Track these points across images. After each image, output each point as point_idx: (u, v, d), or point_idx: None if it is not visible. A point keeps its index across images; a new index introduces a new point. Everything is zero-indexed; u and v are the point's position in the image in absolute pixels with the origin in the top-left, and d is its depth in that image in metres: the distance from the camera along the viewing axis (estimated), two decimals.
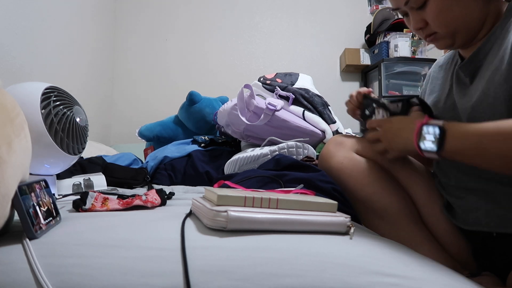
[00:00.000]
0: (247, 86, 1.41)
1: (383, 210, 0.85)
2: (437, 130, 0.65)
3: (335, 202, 0.61)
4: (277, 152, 1.19)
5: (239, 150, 1.54)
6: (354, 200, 0.88)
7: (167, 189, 1.08)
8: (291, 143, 1.23)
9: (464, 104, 0.75)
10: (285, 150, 1.22)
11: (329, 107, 1.51)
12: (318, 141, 1.42)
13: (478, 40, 0.76)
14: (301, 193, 0.71)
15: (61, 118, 0.87)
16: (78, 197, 0.73)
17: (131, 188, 1.23)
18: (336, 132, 1.42)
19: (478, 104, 0.70)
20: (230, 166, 1.23)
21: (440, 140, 0.65)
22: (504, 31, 0.69)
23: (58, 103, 0.88)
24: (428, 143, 0.67)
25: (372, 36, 2.89)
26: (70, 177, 1.09)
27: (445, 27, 0.74)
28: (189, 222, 0.58)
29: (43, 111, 0.84)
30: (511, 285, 0.67)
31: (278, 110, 1.36)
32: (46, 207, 0.56)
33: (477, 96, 0.71)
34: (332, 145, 0.94)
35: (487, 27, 0.74)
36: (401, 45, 2.64)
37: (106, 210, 0.70)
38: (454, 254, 0.83)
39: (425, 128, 0.68)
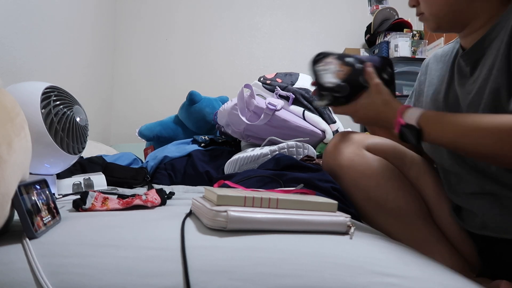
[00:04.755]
0: (247, 86, 1.41)
1: (398, 210, 0.83)
2: (414, 132, 0.70)
3: (335, 202, 0.61)
4: (277, 152, 1.19)
5: (239, 150, 1.54)
6: (366, 199, 0.85)
7: (167, 188, 1.07)
8: (291, 143, 1.23)
9: (465, 94, 0.74)
10: (285, 150, 1.22)
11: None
12: (318, 141, 1.42)
13: (478, 29, 0.74)
14: (301, 192, 0.71)
15: (61, 118, 0.87)
16: (78, 196, 0.73)
17: (131, 187, 1.23)
18: (336, 132, 1.42)
19: (479, 93, 0.69)
20: (230, 166, 1.23)
21: (418, 139, 0.70)
22: (510, 20, 0.67)
23: (58, 102, 0.88)
24: (408, 138, 0.72)
25: (372, 36, 2.89)
26: (70, 176, 1.09)
27: (429, 8, 0.76)
28: (189, 222, 0.58)
29: (43, 110, 0.84)
30: None
31: (278, 110, 1.36)
32: (46, 207, 0.56)
33: (478, 84, 0.70)
34: (339, 140, 0.90)
35: (484, 16, 0.72)
36: (401, 45, 2.64)
37: (106, 210, 0.70)
38: (465, 255, 0.82)
39: (403, 129, 0.72)
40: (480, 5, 0.72)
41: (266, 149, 1.21)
